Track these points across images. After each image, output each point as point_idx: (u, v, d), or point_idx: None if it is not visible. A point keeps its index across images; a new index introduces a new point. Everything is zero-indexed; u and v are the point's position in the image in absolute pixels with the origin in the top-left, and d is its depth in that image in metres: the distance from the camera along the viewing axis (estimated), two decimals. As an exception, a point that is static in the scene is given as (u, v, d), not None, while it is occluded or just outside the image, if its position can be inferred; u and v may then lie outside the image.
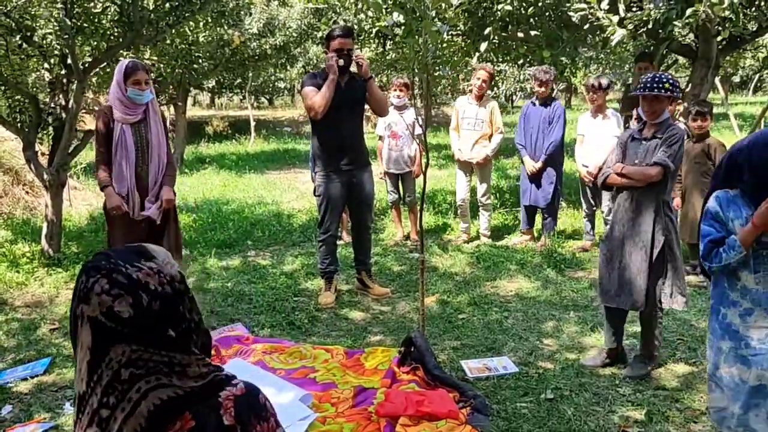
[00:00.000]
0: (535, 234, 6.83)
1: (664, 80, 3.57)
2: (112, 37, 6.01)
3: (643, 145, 3.72)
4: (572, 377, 3.78)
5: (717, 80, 19.41)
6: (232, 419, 1.19)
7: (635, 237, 3.70)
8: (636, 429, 3.21)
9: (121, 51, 6.27)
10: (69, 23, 5.39)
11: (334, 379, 3.70)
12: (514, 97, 25.80)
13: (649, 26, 5.94)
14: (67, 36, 5.39)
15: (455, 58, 7.08)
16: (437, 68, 3.72)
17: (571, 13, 6.21)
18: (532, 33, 7.14)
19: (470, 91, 6.75)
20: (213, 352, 4.08)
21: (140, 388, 1.13)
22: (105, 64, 6.30)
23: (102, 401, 1.14)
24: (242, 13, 8.44)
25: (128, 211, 4.25)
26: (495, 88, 14.25)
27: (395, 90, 6.61)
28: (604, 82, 6.26)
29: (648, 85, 3.59)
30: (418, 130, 6.62)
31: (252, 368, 3.74)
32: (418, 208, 6.87)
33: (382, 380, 3.62)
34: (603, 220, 6.47)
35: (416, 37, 3.51)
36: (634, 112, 6.00)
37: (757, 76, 29.67)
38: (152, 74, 4.23)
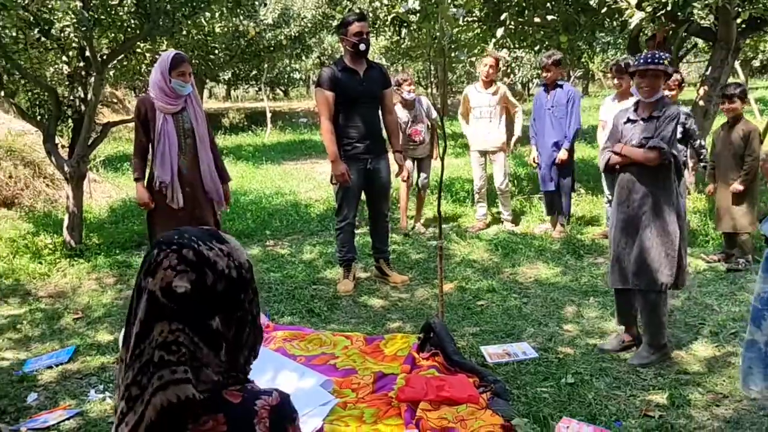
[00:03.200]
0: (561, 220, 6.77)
1: (663, 57, 3.61)
2: (129, 29, 6.05)
3: (640, 125, 3.68)
4: (592, 362, 3.77)
5: (737, 64, 19.15)
6: (266, 429, 1.17)
7: (643, 218, 3.67)
8: (658, 413, 3.19)
9: (138, 43, 6.31)
10: (87, 16, 5.43)
11: (354, 366, 3.71)
12: (530, 84, 25.60)
13: (668, 8, 5.86)
14: (84, 28, 5.43)
15: (473, 42, 7.03)
16: (453, 53, 3.70)
17: (588, -3, 6.16)
18: (549, 18, 7.08)
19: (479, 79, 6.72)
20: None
21: (162, 376, 1.11)
22: (122, 56, 6.34)
23: (135, 378, 1.14)
24: (257, 3, 8.45)
25: (169, 200, 4.25)
26: (511, 75, 14.14)
27: (408, 85, 6.52)
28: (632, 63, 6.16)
29: (648, 59, 3.59)
30: (434, 114, 6.61)
31: (273, 355, 3.77)
32: (428, 193, 6.92)
33: (402, 366, 3.64)
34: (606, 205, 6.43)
35: (432, 22, 3.49)
36: None
37: (778, 59, 29.16)
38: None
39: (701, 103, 7.13)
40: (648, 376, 3.60)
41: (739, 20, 6.85)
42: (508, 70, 11.80)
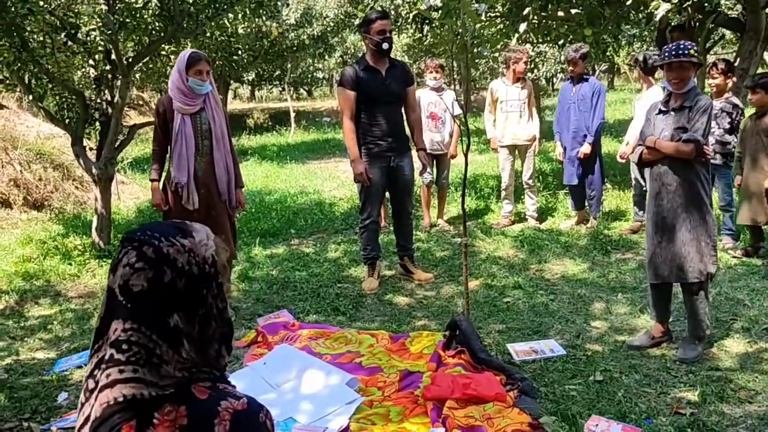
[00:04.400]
0: (585, 215, 6.69)
1: (689, 47, 3.55)
2: (153, 32, 6.11)
3: (672, 117, 3.64)
4: (621, 359, 3.72)
5: (766, 54, 18.79)
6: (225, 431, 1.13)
7: (675, 210, 3.62)
8: (689, 410, 3.14)
9: (163, 45, 6.37)
10: (112, 19, 5.50)
11: (379, 364, 3.71)
12: (554, 79, 25.36)
13: (695, -1, 5.77)
14: (110, 32, 5.50)
15: (495, 38, 6.98)
16: (476, 49, 3.67)
17: (613, -11, 6.07)
18: (573, 11, 7.00)
19: (503, 74, 6.66)
20: (260, 338, 4.15)
21: (110, 374, 1.11)
22: (147, 58, 6.40)
23: (92, 372, 1.15)
24: (279, 3, 8.48)
25: (184, 201, 4.25)
26: (535, 70, 14.02)
27: (431, 72, 6.54)
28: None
29: (673, 52, 3.53)
30: (457, 110, 6.58)
31: (299, 353, 3.78)
32: (451, 190, 6.89)
33: (427, 364, 3.62)
34: (633, 201, 6.35)
35: (454, 18, 3.46)
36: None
37: (809, 49, 28.59)
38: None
39: (730, 94, 6.99)
40: (679, 372, 3.53)
41: (768, 9, 6.71)
42: (532, 65, 11.68)
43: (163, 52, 6.86)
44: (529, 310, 4.53)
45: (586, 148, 6.19)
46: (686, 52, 3.52)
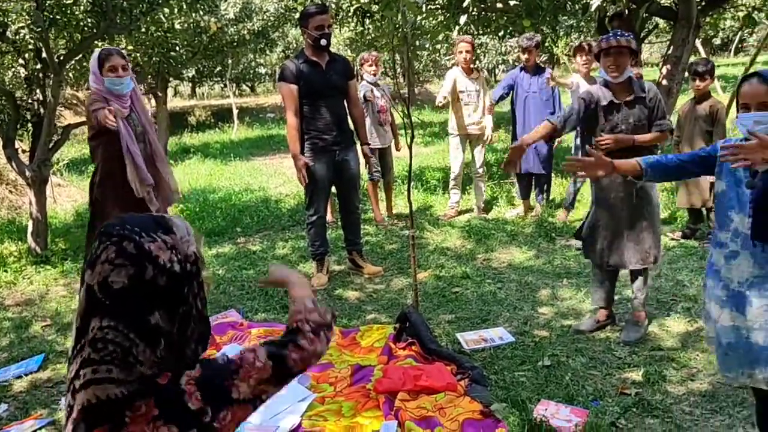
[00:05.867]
0: (531, 204, 6.77)
1: (626, 34, 3.61)
2: (85, 28, 5.91)
3: (626, 111, 3.67)
4: (568, 343, 3.79)
5: (698, 42, 19.42)
6: (199, 402, 1.14)
7: (631, 198, 3.70)
8: (634, 390, 3.22)
9: (95, 42, 6.16)
10: (41, 16, 5.28)
11: (330, 359, 3.69)
12: (496, 70, 25.69)
13: (628, -11, 5.90)
14: (40, 29, 5.28)
15: (434, 30, 6.99)
16: (417, 41, 3.67)
17: (549, -20, 6.16)
18: (512, 3, 7.06)
19: (456, 65, 6.67)
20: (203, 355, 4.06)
21: (84, 374, 1.09)
22: (80, 56, 6.19)
23: (77, 372, 1.11)
24: (217, -2, 8.34)
25: (150, 201, 4.03)
26: (477, 62, 14.15)
27: (370, 65, 6.48)
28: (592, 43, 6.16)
29: (610, 36, 3.61)
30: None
31: (248, 353, 3.72)
32: (399, 183, 6.90)
33: (378, 357, 3.62)
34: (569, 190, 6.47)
35: (394, 9, 3.45)
36: None
37: (737, 37, 29.69)
38: (129, 62, 4.00)
39: (664, 82, 7.19)
40: (623, 354, 3.63)
41: (698, -2, 6.93)
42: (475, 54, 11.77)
43: (97, 49, 6.63)
44: (477, 299, 4.57)
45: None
46: (622, 36, 3.59)
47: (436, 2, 7.48)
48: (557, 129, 3.74)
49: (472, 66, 6.59)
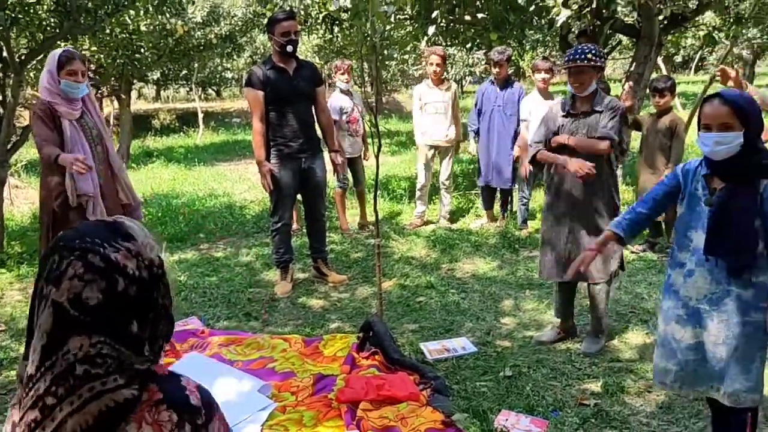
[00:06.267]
0: (495, 215, 6.84)
1: (587, 51, 3.63)
2: (48, 28, 5.79)
3: (582, 120, 3.73)
4: (529, 354, 3.83)
5: (660, 60, 19.90)
6: (199, 401, 1.15)
7: (583, 210, 3.74)
8: (593, 401, 3.27)
9: (58, 42, 6.05)
10: (2, 15, 5.16)
11: (293, 368, 3.66)
12: (463, 81, 25.91)
13: (593, 5, 6.02)
14: (1, 28, 5.16)
15: (402, 40, 7.04)
16: (385, 50, 3.69)
17: (517, -5, 6.25)
18: (479, 16, 7.15)
19: (427, 77, 6.72)
20: (167, 347, 4.00)
21: (93, 387, 1.06)
22: (42, 56, 6.06)
23: (50, 389, 1.07)
24: (185, 1, 8.21)
25: (90, 214, 3.85)
26: (444, 73, 14.26)
27: (342, 73, 6.50)
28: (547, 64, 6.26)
29: (571, 56, 3.65)
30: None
31: (209, 361, 3.67)
32: (367, 192, 6.91)
33: (341, 367, 3.60)
34: (519, 201, 6.55)
35: (363, 19, 3.46)
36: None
37: (698, 55, 30.49)
38: (92, 65, 3.96)
39: (625, 98, 7.35)
40: (583, 365, 3.68)
41: (661, 17, 7.09)
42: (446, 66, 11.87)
43: (58, 49, 6.51)
44: (441, 309, 4.59)
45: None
46: (584, 56, 3.64)
47: (405, 12, 7.53)
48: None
49: (443, 77, 6.64)
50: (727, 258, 2.38)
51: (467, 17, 7.26)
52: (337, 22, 7.49)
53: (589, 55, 3.61)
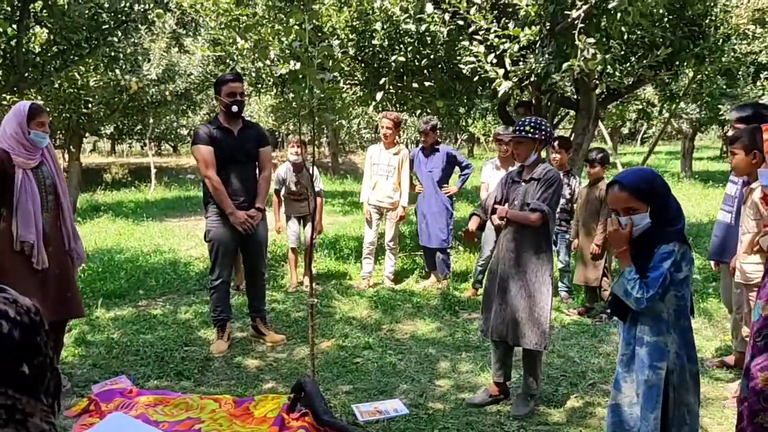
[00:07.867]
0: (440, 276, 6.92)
1: (526, 123, 3.82)
2: (-7, 81, 5.79)
3: (522, 187, 3.90)
4: (460, 416, 3.84)
5: (606, 132, 20.74)
6: None
7: (517, 274, 3.84)
8: (519, 464, 3.28)
9: (3, 95, 6.03)
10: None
11: (220, 430, 3.59)
12: (414, 146, 26.46)
13: (532, 78, 6.31)
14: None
15: (342, 105, 7.22)
16: (323, 114, 3.81)
17: (461, 66, 6.51)
18: (426, 84, 7.41)
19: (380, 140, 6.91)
20: (92, 407, 3.89)
21: None
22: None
23: None
24: (140, 58, 8.30)
25: (36, 262, 3.90)
26: (396, 137, 14.58)
27: (292, 146, 6.71)
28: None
29: (513, 129, 3.85)
30: (318, 186, 6.71)
31: (132, 422, 3.57)
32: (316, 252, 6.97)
33: (270, 428, 3.55)
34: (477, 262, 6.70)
35: (303, 84, 3.58)
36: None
37: (644, 127, 31.86)
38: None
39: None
40: (512, 428, 3.70)
41: (597, 91, 7.46)
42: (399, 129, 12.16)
43: (5, 102, 6.50)
44: (377, 370, 4.58)
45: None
46: (522, 129, 3.82)
47: (354, 78, 7.74)
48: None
49: (395, 141, 6.83)
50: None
51: (415, 84, 7.51)
52: (287, 84, 7.65)
53: (527, 128, 3.80)
